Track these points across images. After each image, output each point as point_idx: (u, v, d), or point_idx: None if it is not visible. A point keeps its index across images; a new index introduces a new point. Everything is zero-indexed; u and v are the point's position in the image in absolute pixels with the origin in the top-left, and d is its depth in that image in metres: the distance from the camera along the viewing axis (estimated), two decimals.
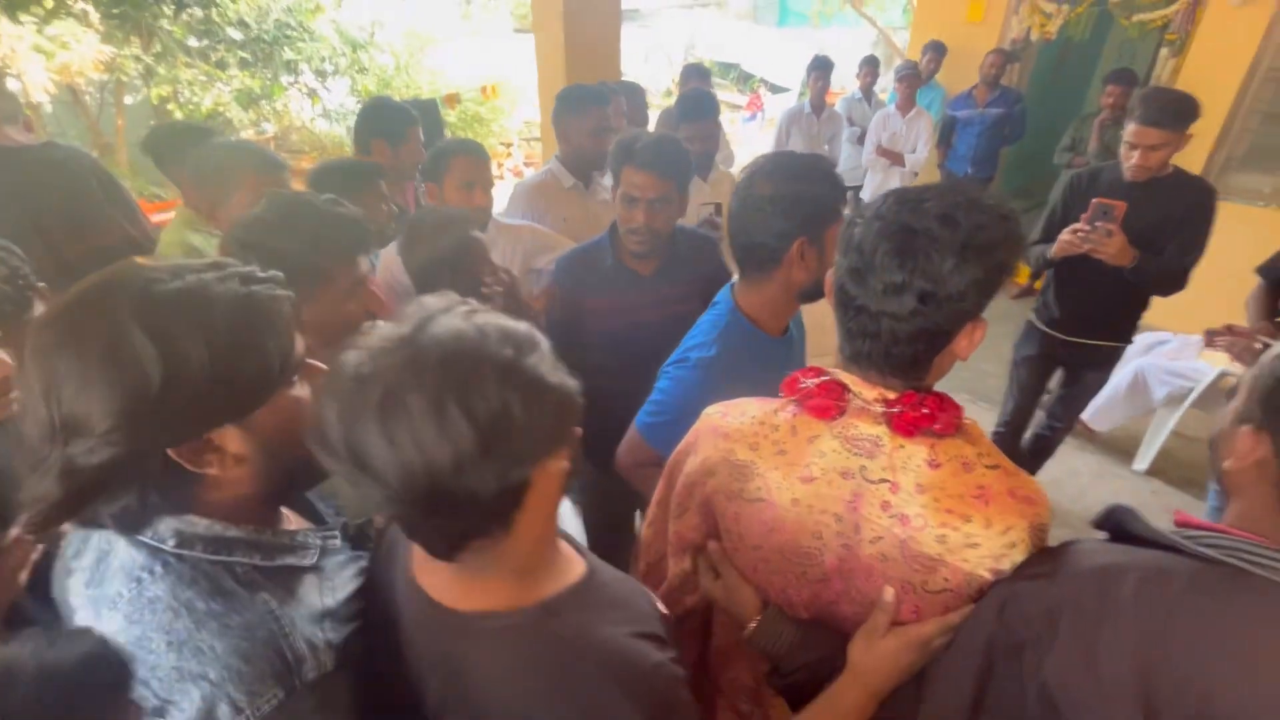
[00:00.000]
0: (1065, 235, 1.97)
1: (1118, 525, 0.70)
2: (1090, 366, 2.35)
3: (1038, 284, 4.56)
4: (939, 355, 0.74)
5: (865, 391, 0.76)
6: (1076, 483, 2.93)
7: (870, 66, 4.72)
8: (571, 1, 3.20)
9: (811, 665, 0.81)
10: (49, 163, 2.28)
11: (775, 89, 11.99)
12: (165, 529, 0.61)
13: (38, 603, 0.80)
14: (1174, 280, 2.02)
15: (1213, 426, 0.72)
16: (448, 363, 0.52)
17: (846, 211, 0.97)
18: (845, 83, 8.65)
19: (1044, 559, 0.70)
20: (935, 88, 4.79)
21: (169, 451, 0.59)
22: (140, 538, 0.61)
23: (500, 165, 8.66)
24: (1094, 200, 1.92)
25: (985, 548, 0.70)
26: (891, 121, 4.35)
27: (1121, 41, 5.93)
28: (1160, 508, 2.76)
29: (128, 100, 6.87)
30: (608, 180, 1.67)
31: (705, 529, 0.91)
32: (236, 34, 7.04)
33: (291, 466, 0.67)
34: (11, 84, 5.46)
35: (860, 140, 4.65)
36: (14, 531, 0.82)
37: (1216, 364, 2.72)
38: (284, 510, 0.76)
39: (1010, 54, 4.46)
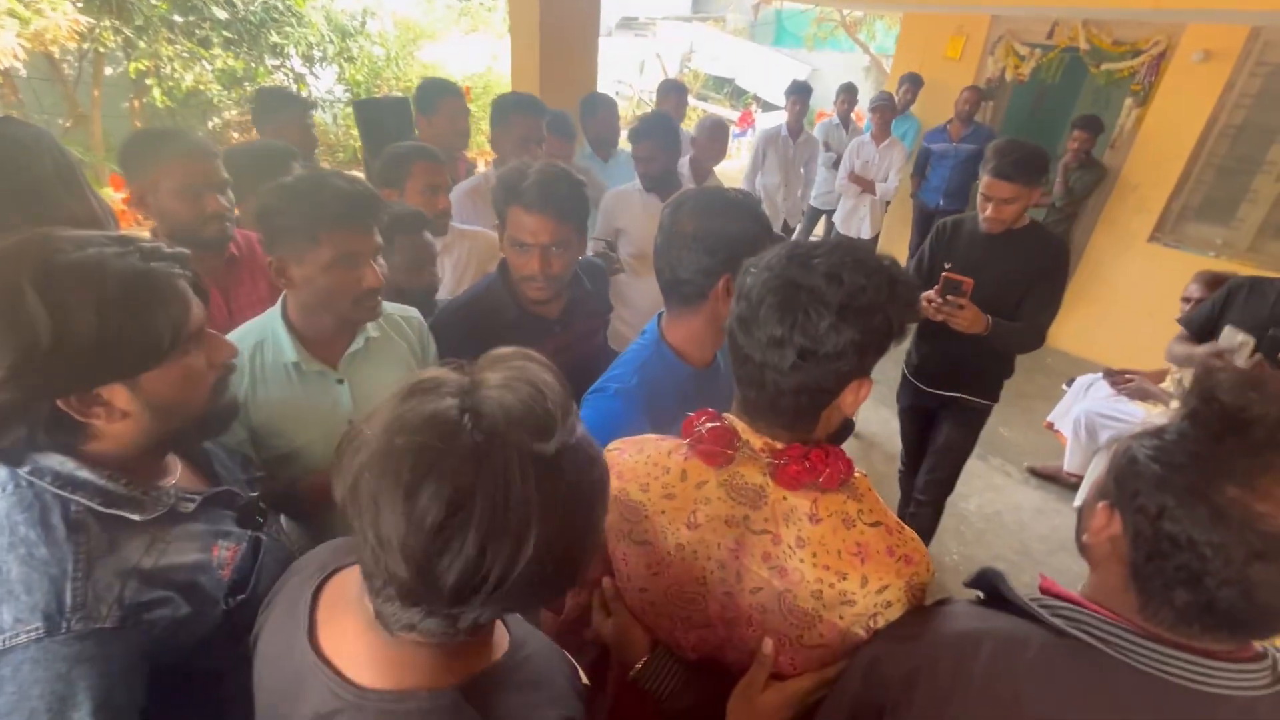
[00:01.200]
0: (922, 300, 1.97)
1: (990, 586, 0.73)
2: (954, 423, 2.29)
3: None
4: (825, 410, 0.75)
5: (753, 439, 0.77)
6: (1017, 518, 2.99)
7: (848, 94, 4.81)
8: (548, 6, 3.20)
9: (699, 707, 0.82)
10: (3, 138, 2.22)
11: (768, 106, 12.12)
12: (29, 456, 0.68)
13: None
14: (1032, 340, 2.04)
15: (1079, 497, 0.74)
16: (575, 511, 0.50)
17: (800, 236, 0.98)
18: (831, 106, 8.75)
19: (912, 621, 0.71)
20: (910, 119, 4.89)
21: (58, 401, 0.66)
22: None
23: (488, 163, 8.62)
24: (943, 274, 1.93)
25: (861, 605, 0.71)
26: (865, 149, 4.42)
27: (1096, 88, 6.10)
28: None
29: (107, 72, 6.70)
30: None
31: (601, 565, 0.91)
32: (221, 13, 6.91)
33: (175, 427, 0.75)
34: None
35: (835, 165, 4.72)
36: None
37: (1154, 407, 2.81)
38: (175, 461, 0.82)
39: (985, 92, 4.57)
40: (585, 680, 0.73)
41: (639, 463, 0.85)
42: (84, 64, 6.50)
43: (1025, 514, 3.00)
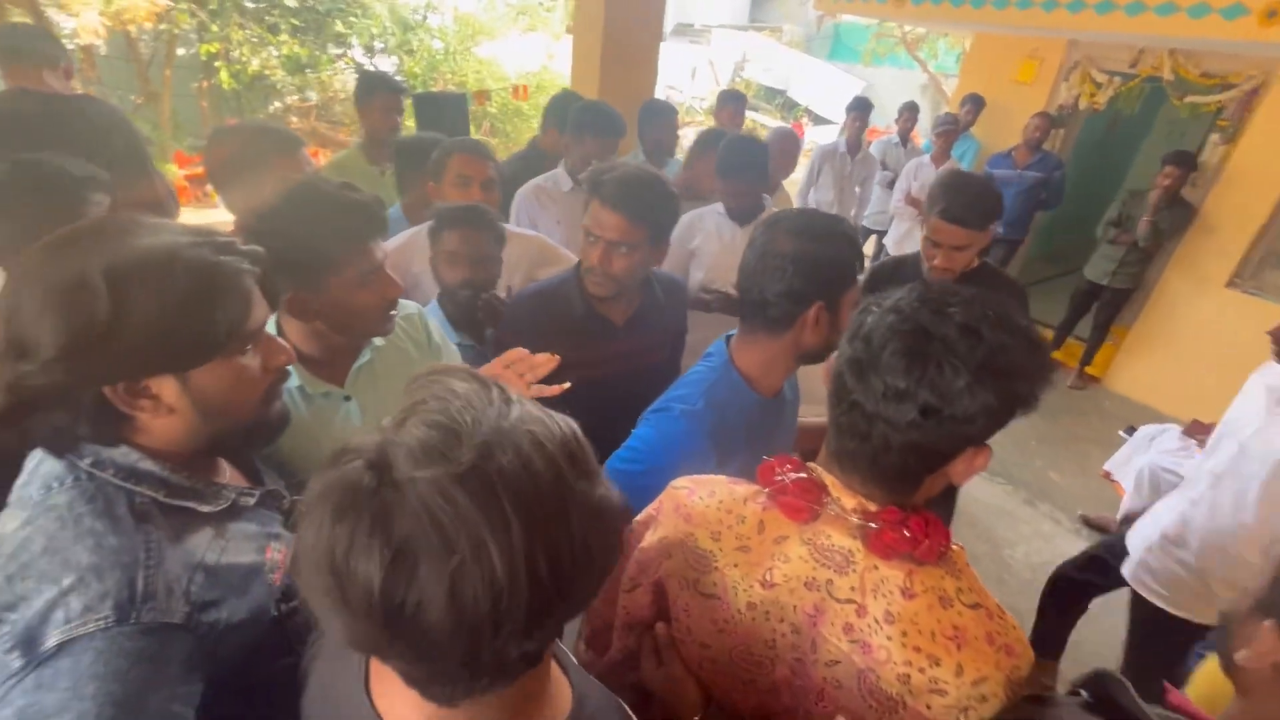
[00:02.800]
0: None
1: (1103, 692, 0.64)
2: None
3: (1056, 354, 4.50)
4: (932, 475, 0.68)
5: (844, 498, 0.70)
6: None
7: (910, 111, 4.67)
8: (613, 12, 3.17)
9: None
10: (79, 115, 2.28)
11: (819, 120, 11.96)
12: (89, 449, 0.66)
13: None
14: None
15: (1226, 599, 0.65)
16: (532, 510, 0.42)
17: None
18: (886, 124, 8.60)
19: None
20: (970, 139, 4.71)
21: (105, 390, 0.63)
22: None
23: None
24: None
25: (953, 696, 0.63)
26: (923, 171, 4.28)
27: (1172, 120, 5.82)
28: None
29: (180, 53, 6.95)
30: None
31: (656, 609, 0.85)
32: (292, 0, 7.11)
33: (222, 431, 0.72)
34: (66, 23, 5.55)
35: (891, 185, 4.58)
36: None
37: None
38: (223, 463, 0.79)
39: (1056, 119, 4.38)
40: None
41: (710, 507, 0.78)
42: (159, 44, 6.75)
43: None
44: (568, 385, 1.12)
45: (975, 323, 0.61)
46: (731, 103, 3.44)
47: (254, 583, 0.73)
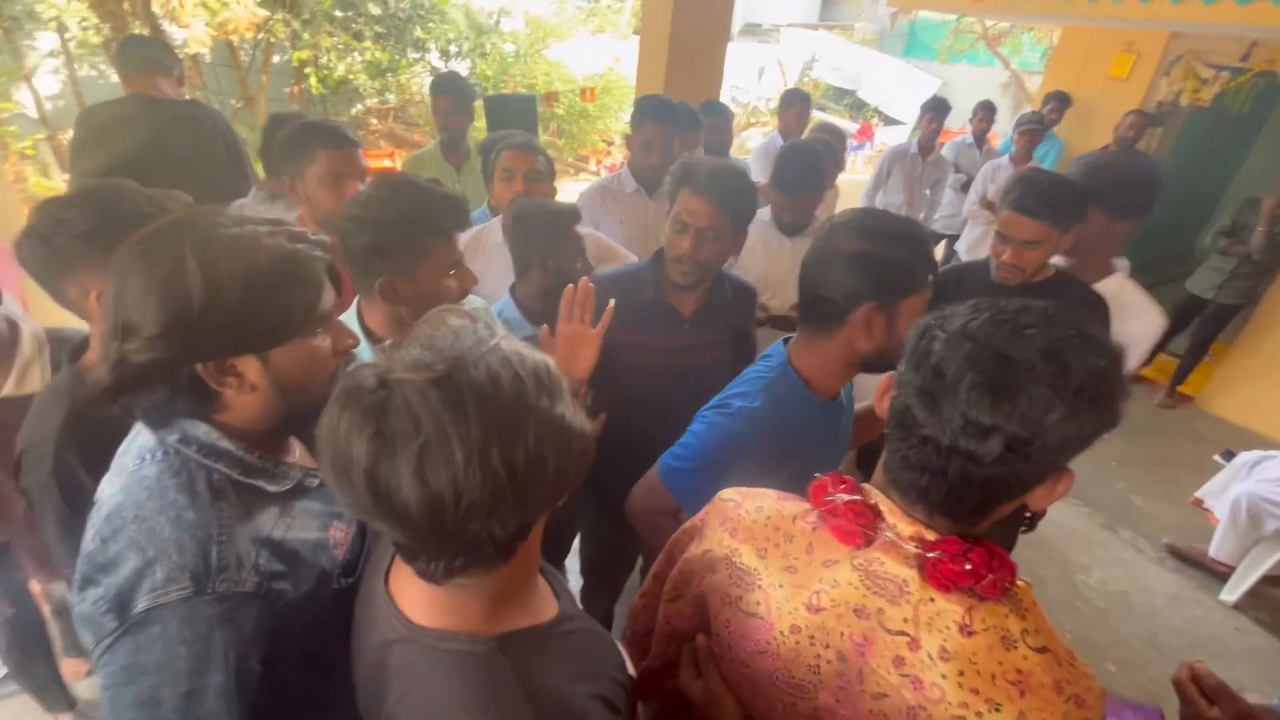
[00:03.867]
0: None
1: None
2: None
3: (1145, 370, 4.17)
4: (1008, 503, 0.64)
5: (901, 524, 0.67)
6: (1147, 602, 2.62)
7: (986, 111, 4.44)
8: (681, 12, 3.17)
9: None
10: (187, 119, 2.50)
11: (889, 120, 11.56)
12: (177, 426, 0.73)
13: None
14: None
15: None
16: (491, 412, 0.52)
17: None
18: (962, 124, 8.21)
19: None
20: (1053, 140, 4.43)
21: (198, 366, 0.70)
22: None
23: (599, 161, 8.81)
24: None
25: None
26: (1001, 173, 4.05)
27: None
28: (1243, 650, 2.44)
29: (275, 60, 7.46)
30: None
31: (697, 621, 0.84)
32: (375, 8, 7.49)
33: (296, 407, 0.78)
34: (177, 34, 6.05)
35: (964, 188, 4.38)
36: None
37: None
38: (294, 442, 0.86)
39: (1153, 117, 4.08)
40: (632, 673, 0.75)
41: (756, 522, 0.77)
42: (257, 52, 7.26)
43: (1158, 599, 2.63)
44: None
45: (1058, 345, 0.57)
46: (797, 103, 3.39)
47: (318, 557, 0.78)
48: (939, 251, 4.88)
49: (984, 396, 0.57)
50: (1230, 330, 3.88)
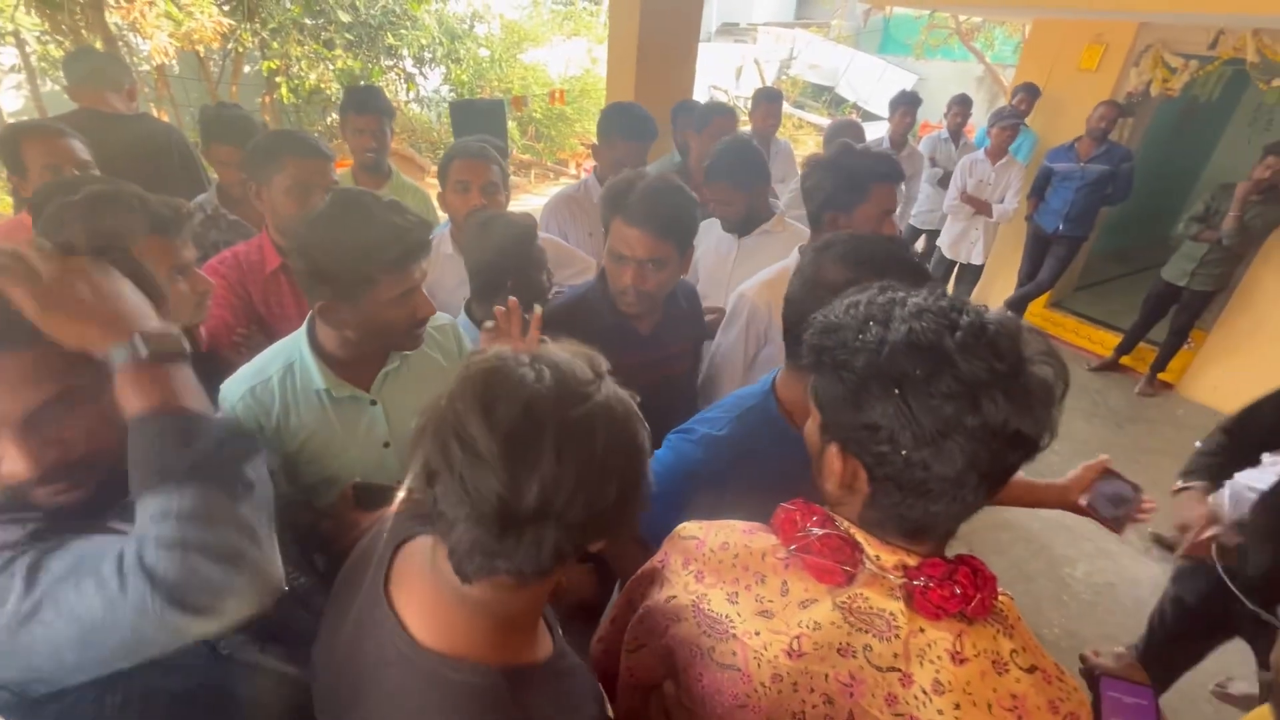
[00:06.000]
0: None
1: None
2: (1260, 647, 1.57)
3: (1124, 359, 4.20)
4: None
5: (883, 555, 0.63)
6: (1134, 593, 2.61)
7: (960, 105, 4.45)
8: (649, 13, 3.14)
9: None
10: (139, 133, 2.43)
11: (868, 116, 11.62)
12: None
13: None
14: None
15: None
16: (619, 434, 0.57)
17: None
18: (939, 118, 8.27)
19: None
20: (1026, 132, 4.45)
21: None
22: None
23: (579, 165, 8.76)
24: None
25: None
26: (979, 168, 4.07)
27: (1256, 106, 5.38)
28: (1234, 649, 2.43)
29: (245, 70, 7.33)
30: None
31: (663, 672, 0.79)
32: (345, 16, 7.39)
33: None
34: (142, 45, 5.92)
35: (941, 183, 4.38)
36: None
37: None
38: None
39: (1124, 108, 4.09)
40: (610, 716, 0.72)
41: (724, 561, 0.72)
42: (225, 62, 7.13)
43: (1144, 590, 2.61)
44: None
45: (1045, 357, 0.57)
46: (764, 101, 3.33)
47: None
48: (918, 246, 4.88)
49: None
50: (1209, 316, 3.90)
